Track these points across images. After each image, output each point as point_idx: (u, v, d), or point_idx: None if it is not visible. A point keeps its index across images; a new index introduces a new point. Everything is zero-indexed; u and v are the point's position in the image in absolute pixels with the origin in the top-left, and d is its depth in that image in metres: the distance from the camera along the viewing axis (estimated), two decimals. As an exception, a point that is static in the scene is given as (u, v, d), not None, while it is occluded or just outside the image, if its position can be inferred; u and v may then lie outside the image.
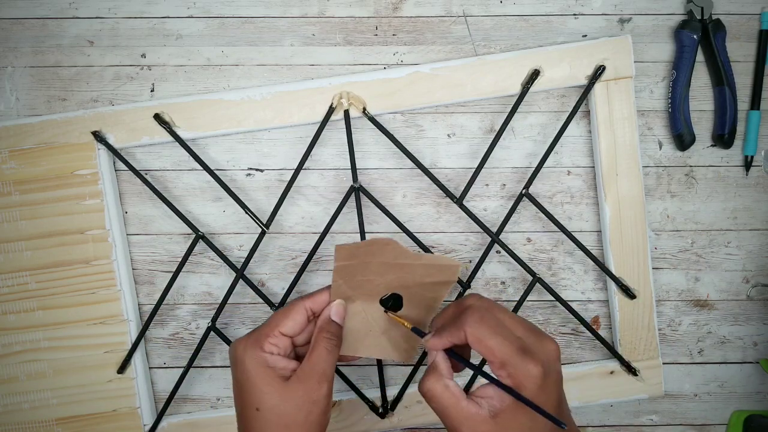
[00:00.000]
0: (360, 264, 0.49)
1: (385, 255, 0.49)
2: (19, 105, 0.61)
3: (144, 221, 0.61)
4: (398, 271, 0.50)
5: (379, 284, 0.51)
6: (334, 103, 0.59)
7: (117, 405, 0.60)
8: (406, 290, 0.51)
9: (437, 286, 0.50)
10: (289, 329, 0.47)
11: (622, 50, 0.58)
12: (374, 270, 0.50)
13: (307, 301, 0.49)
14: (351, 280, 0.50)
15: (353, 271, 0.50)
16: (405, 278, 0.50)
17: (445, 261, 0.49)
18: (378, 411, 0.61)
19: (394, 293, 0.51)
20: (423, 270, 0.50)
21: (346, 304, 0.50)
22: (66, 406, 0.60)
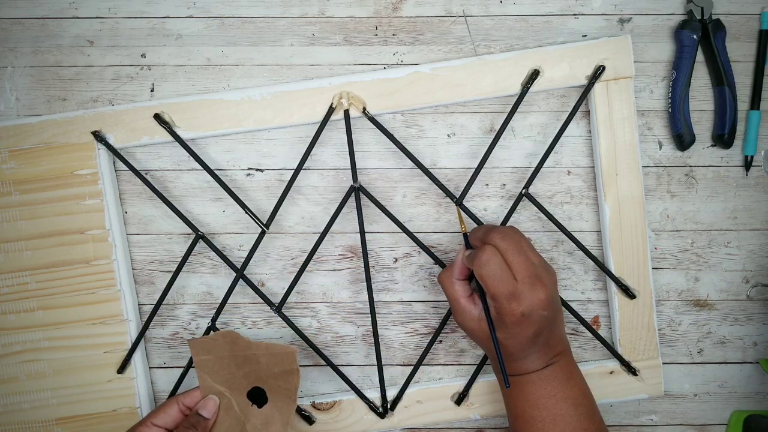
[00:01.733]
0: (216, 359, 0.54)
1: (233, 347, 0.54)
2: (19, 105, 0.61)
3: (144, 221, 0.61)
4: (249, 364, 0.54)
5: (239, 377, 0.54)
6: (334, 103, 0.59)
7: (117, 405, 0.60)
8: (263, 382, 0.54)
9: (286, 375, 0.54)
10: (160, 420, 0.53)
11: (622, 50, 0.58)
12: (231, 363, 0.54)
13: (180, 396, 0.54)
14: (215, 374, 0.54)
15: (214, 366, 0.54)
16: (257, 370, 0.54)
17: (280, 348, 0.53)
18: (378, 411, 0.61)
19: (256, 387, 0.55)
20: (266, 359, 0.54)
21: (218, 400, 0.55)
22: (66, 406, 0.60)
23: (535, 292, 0.49)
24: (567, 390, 0.51)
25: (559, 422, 0.50)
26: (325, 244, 0.61)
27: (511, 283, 0.48)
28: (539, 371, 0.51)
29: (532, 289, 0.49)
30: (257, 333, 0.62)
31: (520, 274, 0.49)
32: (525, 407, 0.51)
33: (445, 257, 0.61)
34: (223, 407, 0.55)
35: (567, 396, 0.51)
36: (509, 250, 0.49)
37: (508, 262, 0.49)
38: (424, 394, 0.61)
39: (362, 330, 0.62)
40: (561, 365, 0.52)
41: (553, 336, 0.51)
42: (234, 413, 0.55)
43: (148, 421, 0.53)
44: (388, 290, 0.62)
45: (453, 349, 0.62)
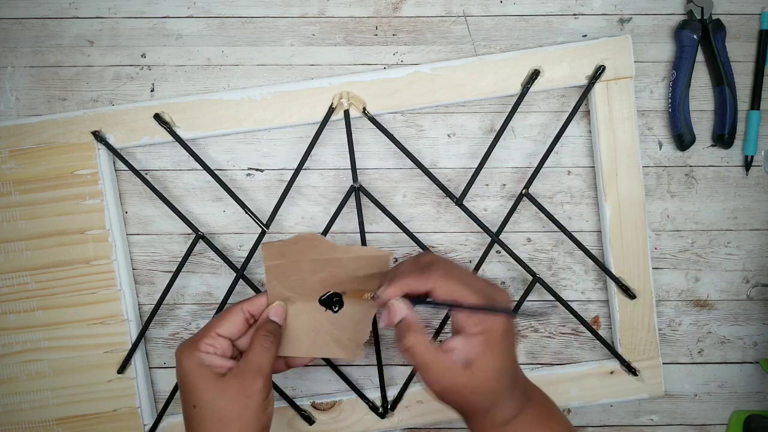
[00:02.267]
0: (291, 263, 0.50)
1: (314, 251, 0.50)
2: (19, 105, 0.61)
3: (144, 221, 0.61)
4: (330, 267, 0.50)
5: (314, 282, 0.51)
6: (334, 103, 0.59)
7: (117, 405, 0.60)
8: (342, 287, 0.51)
9: (372, 278, 0.51)
10: (225, 330, 0.49)
11: (622, 50, 0.58)
12: (306, 268, 0.51)
13: (245, 304, 0.51)
14: (285, 281, 0.51)
15: (285, 271, 0.50)
16: (338, 274, 0.51)
17: (374, 252, 0.50)
18: (378, 411, 0.61)
19: (333, 292, 0.52)
20: (354, 263, 0.50)
21: (286, 306, 0.51)
22: (66, 406, 0.60)
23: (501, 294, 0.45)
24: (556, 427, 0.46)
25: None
26: (325, 244, 0.61)
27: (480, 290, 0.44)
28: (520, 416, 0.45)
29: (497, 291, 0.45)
30: (257, 333, 0.62)
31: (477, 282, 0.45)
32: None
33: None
34: (291, 314, 0.52)
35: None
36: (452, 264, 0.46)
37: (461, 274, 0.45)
38: (424, 394, 0.61)
39: (362, 330, 0.62)
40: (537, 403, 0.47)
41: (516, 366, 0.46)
42: (304, 319, 0.52)
43: (212, 332, 0.48)
44: (388, 290, 0.62)
45: (453, 349, 0.62)
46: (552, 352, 0.63)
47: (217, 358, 0.48)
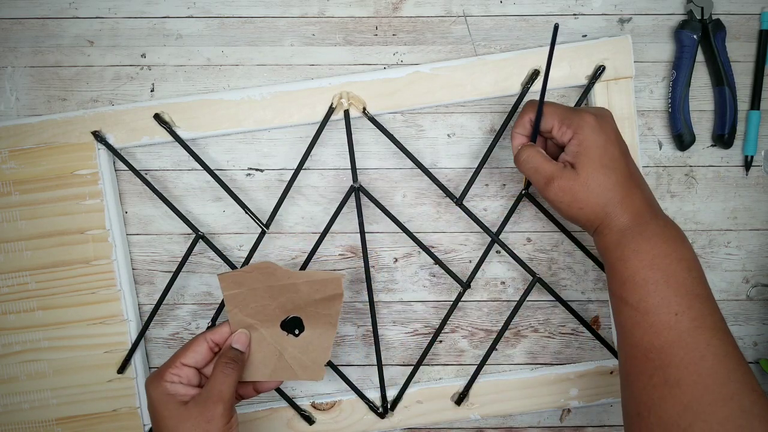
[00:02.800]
0: (249, 291, 0.53)
1: (270, 278, 0.52)
2: (19, 105, 0.61)
3: (144, 221, 0.61)
4: (287, 293, 0.53)
5: (274, 308, 0.53)
6: (334, 103, 0.59)
7: (117, 405, 0.60)
8: (301, 311, 0.53)
9: (328, 301, 0.53)
10: (190, 359, 0.51)
11: (622, 50, 0.58)
12: (264, 295, 0.53)
13: (208, 333, 0.53)
14: (245, 308, 0.53)
15: (244, 299, 0.53)
16: (295, 299, 0.53)
17: (326, 275, 0.52)
18: (378, 411, 0.61)
19: (294, 316, 0.54)
20: (308, 287, 0.52)
21: (249, 333, 0.54)
22: (66, 406, 0.60)
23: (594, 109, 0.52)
24: (682, 250, 0.47)
25: (672, 283, 0.46)
26: (325, 244, 0.61)
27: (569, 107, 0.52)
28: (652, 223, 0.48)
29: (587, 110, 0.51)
30: (257, 333, 0.62)
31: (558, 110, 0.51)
32: (638, 268, 0.47)
33: (445, 257, 0.61)
34: (255, 340, 0.54)
35: (681, 257, 0.47)
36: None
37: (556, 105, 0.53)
38: (424, 394, 0.61)
39: (362, 330, 0.62)
40: (671, 224, 0.49)
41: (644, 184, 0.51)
42: (267, 345, 0.54)
43: (177, 362, 0.51)
44: (388, 290, 0.62)
45: (453, 349, 0.62)
46: (552, 352, 0.63)
47: (181, 387, 0.50)
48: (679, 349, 0.45)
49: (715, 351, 0.44)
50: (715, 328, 0.45)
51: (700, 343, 0.44)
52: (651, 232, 0.48)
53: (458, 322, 0.62)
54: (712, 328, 0.45)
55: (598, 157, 0.49)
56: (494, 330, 0.62)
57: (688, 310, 0.45)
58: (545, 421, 0.63)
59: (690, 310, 0.45)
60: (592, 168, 0.49)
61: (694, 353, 0.44)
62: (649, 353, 0.46)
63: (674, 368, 0.44)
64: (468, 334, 0.62)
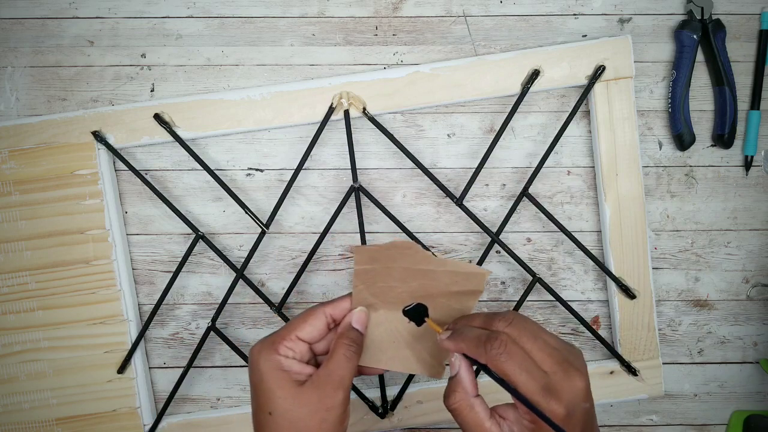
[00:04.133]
0: (381, 269, 0.47)
1: (407, 260, 0.46)
2: (19, 105, 0.61)
3: (144, 221, 0.61)
4: (421, 278, 0.47)
5: (402, 292, 0.48)
6: (334, 103, 0.59)
7: (117, 405, 0.60)
8: (431, 300, 0.48)
9: (464, 296, 0.47)
10: (307, 334, 0.45)
11: (622, 50, 0.58)
12: (396, 276, 0.47)
13: (328, 307, 0.47)
14: (372, 286, 0.48)
15: (374, 276, 0.47)
16: (429, 286, 0.47)
17: (471, 268, 0.46)
18: (378, 411, 0.61)
19: (419, 303, 0.48)
20: (448, 278, 0.47)
21: (368, 312, 0.48)
22: (66, 406, 0.60)
23: (572, 381, 0.40)
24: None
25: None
26: (325, 244, 0.61)
27: (541, 376, 0.39)
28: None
29: (568, 378, 0.40)
30: (257, 333, 0.62)
31: (546, 363, 0.40)
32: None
33: (445, 257, 0.61)
34: (372, 321, 0.48)
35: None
36: (523, 337, 0.41)
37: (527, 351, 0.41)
38: (424, 394, 0.61)
39: (362, 330, 0.62)
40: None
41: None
42: (384, 329, 0.49)
43: (292, 334, 0.45)
44: (388, 290, 0.62)
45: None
46: (552, 352, 0.63)
47: (296, 364, 0.44)
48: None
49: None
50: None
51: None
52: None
53: (458, 322, 0.62)
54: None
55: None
56: (494, 330, 0.62)
57: None
58: (545, 421, 0.63)
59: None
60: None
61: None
62: None
63: None
64: (468, 334, 0.62)
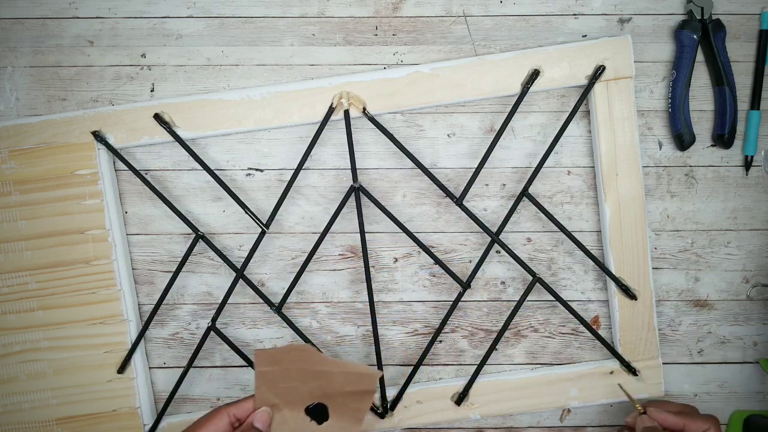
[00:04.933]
0: (282, 370, 0.51)
1: (305, 362, 0.51)
2: (19, 105, 0.61)
3: (144, 221, 0.61)
4: (319, 379, 0.52)
5: (302, 392, 0.52)
6: (334, 103, 0.59)
7: (117, 405, 0.60)
8: (329, 399, 0.52)
9: (359, 396, 0.52)
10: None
11: (622, 50, 0.58)
12: (296, 377, 0.52)
13: (231, 407, 0.51)
14: (274, 386, 0.52)
15: (275, 377, 0.52)
16: (326, 387, 0.52)
17: (362, 369, 0.51)
18: (378, 411, 0.61)
19: (320, 403, 0.52)
20: (342, 378, 0.51)
21: (272, 412, 0.52)
22: (66, 406, 0.60)
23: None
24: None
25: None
26: (325, 244, 0.61)
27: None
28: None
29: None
30: (257, 333, 0.62)
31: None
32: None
33: (445, 257, 0.61)
34: (276, 420, 0.52)
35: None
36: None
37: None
38: (424, 394, 0.61)
39: (362, 330, 0.62)
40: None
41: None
42: (287, 428, 0.52)
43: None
44: (388, 290, 0.62)
45: (453, 349, 0.62)
46: (552, 352, 0.63)
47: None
48: None
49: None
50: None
51: None
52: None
53: (458, 322, 0.62)
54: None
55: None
56: (494, 330, 0.62)
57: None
58: (545, 421, 0.63)
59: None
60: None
61: None
62: None
63: None
64: (468, 334, 0.62)
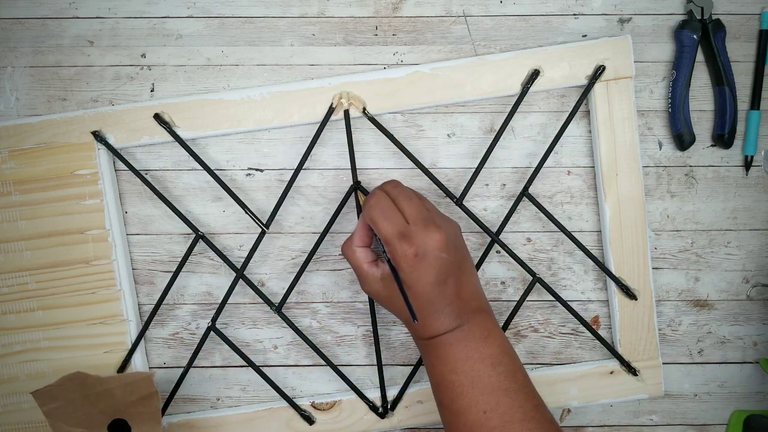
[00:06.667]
0: (67, 403, 0.53)
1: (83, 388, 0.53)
2: (19, 105, 0.61)
3: (144, 221, 0.61)
4: (104, 399, 0.53)
5: (96, 415, 0.54)
6: (334, 103, 0.59)
7: (117, 405, 0.60)
8: (123, 413, 0.54)
9: (145, 400, 0.53)
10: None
11: (622, 50, 0.58)
12: (84, 403, 0.53)
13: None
14: (69, 419, 0.53)
15: (66, 411, 0.53)
16: (114, 403, 0.53)
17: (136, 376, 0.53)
18: (378, 411, 0.61)
19: (117, 419, 0.54)
20: (122, 390, 0.53)
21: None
22: (66, 406, 0.60)
23: (428, 233, 0.48)
24: (484, 349, 0.48)
25: (477, 384, 0.48)
26: (325, 244, 0.61)
27: (401, 224, 0.48)
28: (453, 331, 0.49)
29: (425, 230, 0.48)
30: (257, 333, 0.62)
31: (411, 216, 0.49)
32: (444, 372, 0.49)
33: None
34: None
35: (484, 356, 0.48)
36: (400, 196, 0.49)
37: (399, 206, 0.49)
38: (424, 394, 0.61)
39: (362, 330, 0.62)
40: (477, 323, 0.49)
41: (463, 289, 0.49)
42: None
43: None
44: (388, 290, 0.62)
45: (453, 349, 0.62)
46: (552, 352, 0.63)
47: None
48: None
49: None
50: (525, 419, 0.47)
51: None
52: (453, 338, 0.49)
53: (458, 322, 0.62)
54: (522, 420, 0.47)
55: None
56: (494, 330, 0.62)
57: (496, 407, 0.47)
58: (545, 421, 0.63)
59: (498, 407, 0.47)
60: None
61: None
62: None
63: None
64: (468, 334, 0.62)
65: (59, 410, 0.54)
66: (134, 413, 0.55)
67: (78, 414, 0.54)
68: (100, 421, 0.54)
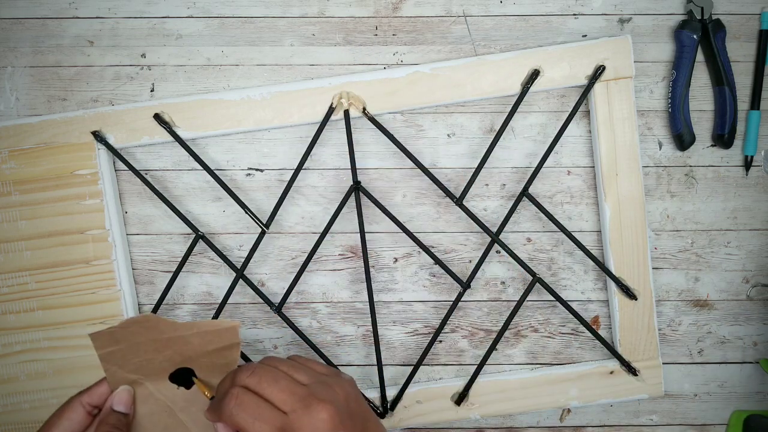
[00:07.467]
0: (129, 347, 0.47)
1: (152, 332, 0.47)
2: (19, 105, 0.61)
3: (144, 221, 0.61)
4: (174, 345, 0.47)
5: (161, 361, 0.48)
6: (334, 103, 0.59)
7: (117, 405, 0.60)
8: (193, 362, 0.48)
9: (224, 351, 0.48)
10: (64, 430, 0.44)
11: (622, 50, 0.58)
12: (148, 349, 0.47)
13: (84, 395, 0.46)
14: (127, 363, 0.47)
15: (125, 355, 0.47)
16: (185, 351, 0.47)
17: (220, 324, 0.47)
18: (378, 411, 0.61)
19: (184, 367, 0.48)
20: (200, 338, 0.47)
21: (132, 390, 0.48)
22: (66, 406, 0.60)
23: (313, 414, 0.40)
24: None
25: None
26: (325, 244, 0.61)
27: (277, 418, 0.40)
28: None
29: (308, 413, 0.40)
30: (257, 333, 0.62)
31: (285, 402, 0.41)
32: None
33: (445, 257, 0.61)
34: (140, 397, 0.48)
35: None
36: (262, 383, 0.42)
37: (265, 396, 0.41)
38: (424, 394, 0.61)
39: (362, 330, 0.62)
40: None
41: None
42: (155, 401, 0.48)
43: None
44: (388, 290, 0.62)
45: (453, 349, 0.62)
46: (552, 352, 0.63)
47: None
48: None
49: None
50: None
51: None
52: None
53: (458, 322, 0.62)
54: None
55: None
56: (494, 330, 0.62)
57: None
58: (545, 421, 0.63)
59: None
60: None
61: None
62: None
63: None
64: (468, 334, 0.62)
65: (118, 354, 0.47)
66: (206, 363, 0.48)
67: (139, 359, 0.47)
68: (162, 368, 0.48)
